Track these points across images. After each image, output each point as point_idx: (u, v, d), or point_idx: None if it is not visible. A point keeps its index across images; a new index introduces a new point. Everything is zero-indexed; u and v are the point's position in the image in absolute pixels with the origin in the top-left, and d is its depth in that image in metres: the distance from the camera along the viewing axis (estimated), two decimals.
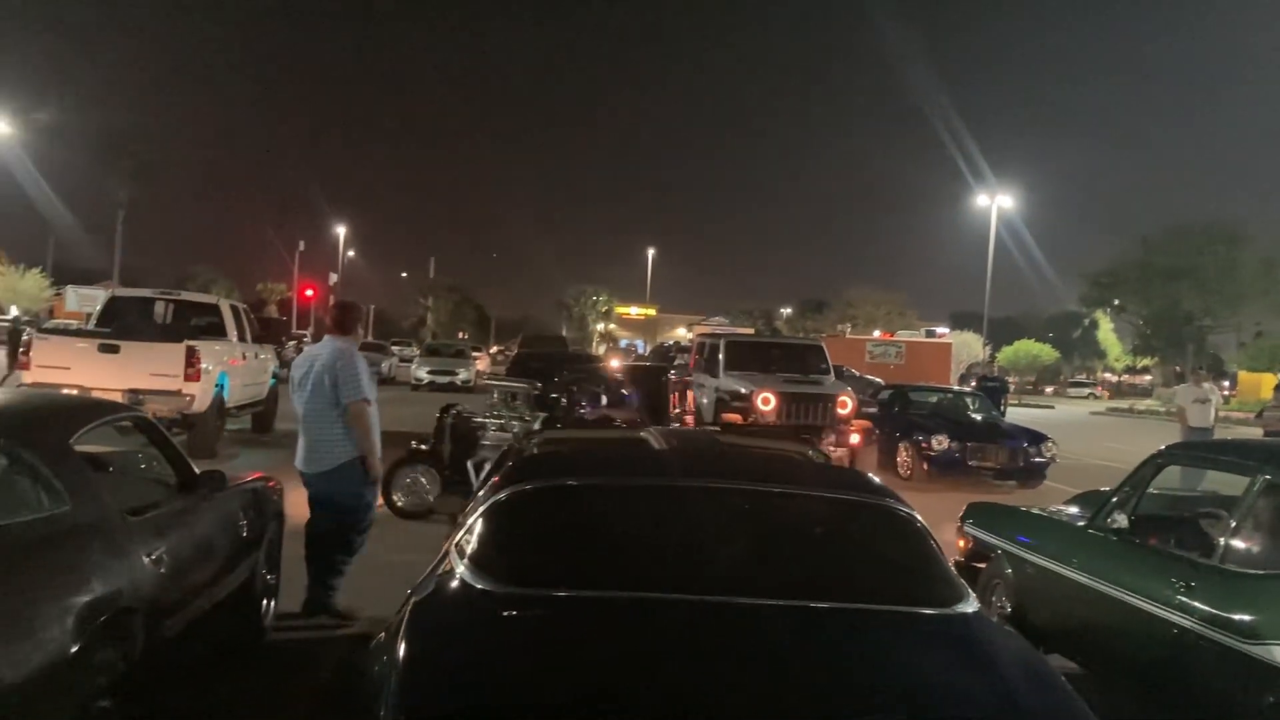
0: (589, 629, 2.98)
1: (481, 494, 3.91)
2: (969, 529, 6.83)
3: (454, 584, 3.26)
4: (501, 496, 3.66)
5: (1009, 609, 6.05)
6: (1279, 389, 38.54)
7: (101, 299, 16.90)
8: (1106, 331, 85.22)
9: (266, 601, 6.02)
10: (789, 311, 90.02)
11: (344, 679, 4.81)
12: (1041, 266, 72.17)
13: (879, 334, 47.91)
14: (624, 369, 14.07)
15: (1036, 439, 15.50)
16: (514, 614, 3.05)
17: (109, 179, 58.10)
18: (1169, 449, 5.98)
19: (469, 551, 3.42)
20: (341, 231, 72.61)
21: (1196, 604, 4.57)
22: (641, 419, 11.06)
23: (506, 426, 10.45)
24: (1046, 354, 72.54)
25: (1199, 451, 7.14)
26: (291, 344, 30.51)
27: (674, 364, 22.51)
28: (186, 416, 12.64)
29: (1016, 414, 24.89)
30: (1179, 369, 60.55)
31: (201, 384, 12.82)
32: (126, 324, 13.89)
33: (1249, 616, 4.34)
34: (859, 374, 25.54)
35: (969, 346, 50.12)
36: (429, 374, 32.92)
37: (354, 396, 6.18)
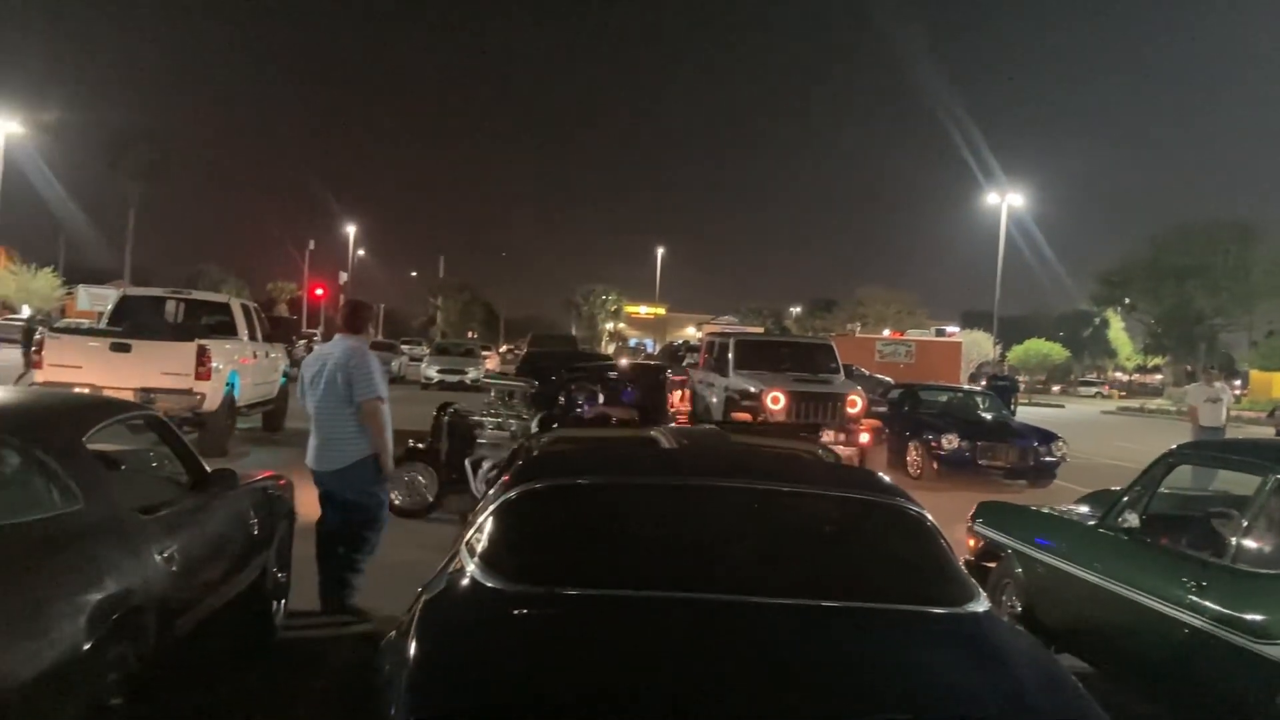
0: (599, 628, 2.98)
1: (492, 493, 3.91)
2: (979, 528, 6.81)
3: (464, 582, 3.27)
4: (512, 495, 3.66)
5: (1019, 608, 6.03)
6: None
7: (113, 298, 16.96)
8: (1117, 330, 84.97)
9: (277, 600, 6.03)
10: (798, 310, 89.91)
11: (355, 677, 4.83)
12: (1052, 265, 72.06)
13: (889, 333, 47.78)
14: (623, 368, 14.02)
15: (1047, 438, 15.45)
16: (524, 612, 3.06)
17: (120, 179, 58.39)
18: (1180, 448, 5.96)
19: (479, 550, 3.42)
20: (351, 231, 72.90)
21: (1208, 604, 4.56)
22: (639, 417, 11.05)
23: (504, 425, 10.45)
24: (1057, 353, 72.38)
25: (1210, 451, 7.10)
26: (302, 343, 30.56)
27: (684, 363, 22.53)
28: (198, 415, 12.68)
29: (1026, 413, 24.82)
30: (1190, 368, 60.29)
31: (212, 383, 12.86)
32: (138, 323, 13.94)
33: (1260, 616, 4.32)
34: (869, 373, 25.53)
35: (979, 345, 50.03)
36: (439, 373, 33.12)
37: (368, 394, 6.20)
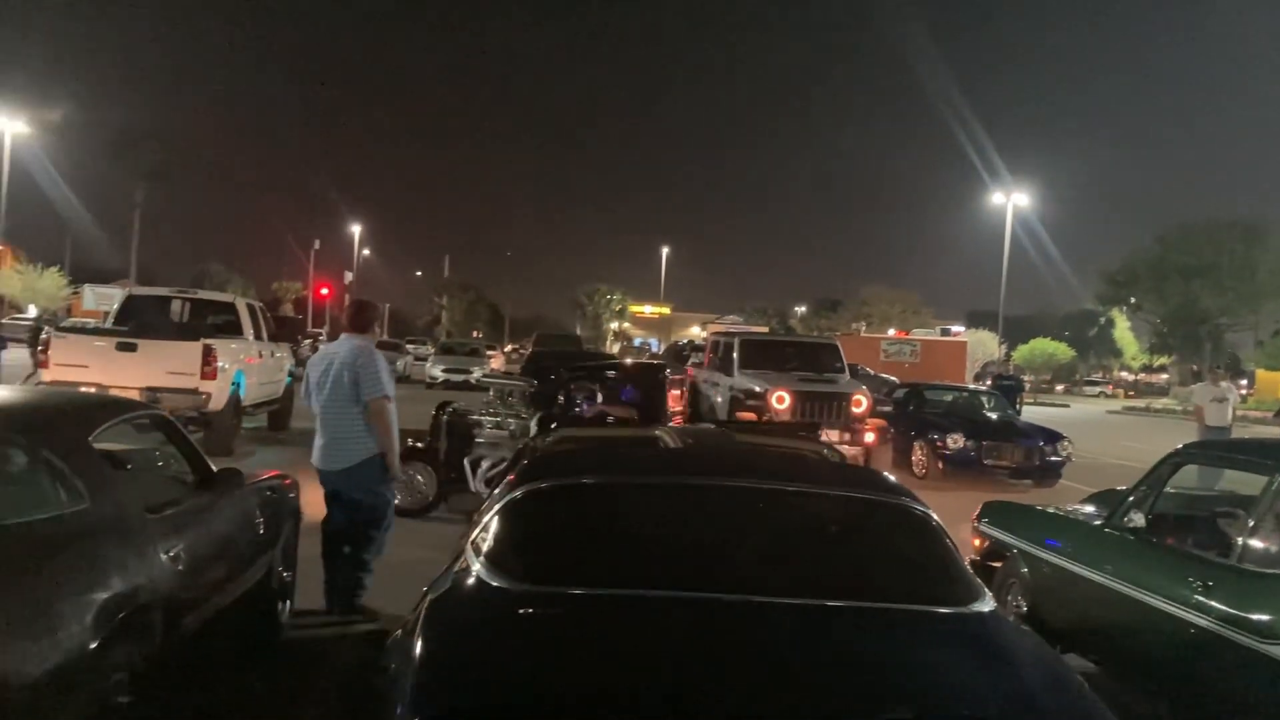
0: (605, 627, 2.98)
1: (497, 492, 3.92)
2: (984, 528, 6.81)
3: (470, 582, 3.27)
4: (517, 495, 3.66)
5: (1025, 608, 6.03)
6: None
7: (119, 297, 16.98)
8: (1123, 330, 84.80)
9: (283, 599, 6.04)
10: (803, 310, 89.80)
11: (361, 676, 4.83)
12: (1057, 264, 72.19)
13: (894, 332, 47.67)
14: (622, 367, 13.99)
15: (1052, 438, 15.42)
16: (530, 612, 3.06)
17: (125, 178, 58.53)
18: (1186, 448, 5.94)
19: (485, 549, 3.42)
20: (356, 230, 73.00)
21: (1214, 603, 4.55)
22: (638, 416, 11.05)
23: (502, 424, 10.44)
24: (1062, 352, 72.19)
25: (1217, 450, 7.09)
26: (307, 342, 30.61)
27: (689, 362, 22.51)
28: (203, 414, 12.69)
29: (1031, 413, 24.79)
30: (1196, 368, 60.21)
31: (218, 382, 12.87)
32: (144, 322, 13.96)
33: (1267, 616, 4.31)
34: (874, 373, 25.49)
35: (984, 345, 49.91)
36: (444, 372, 33.20)
37: (376, 393, 6.20)
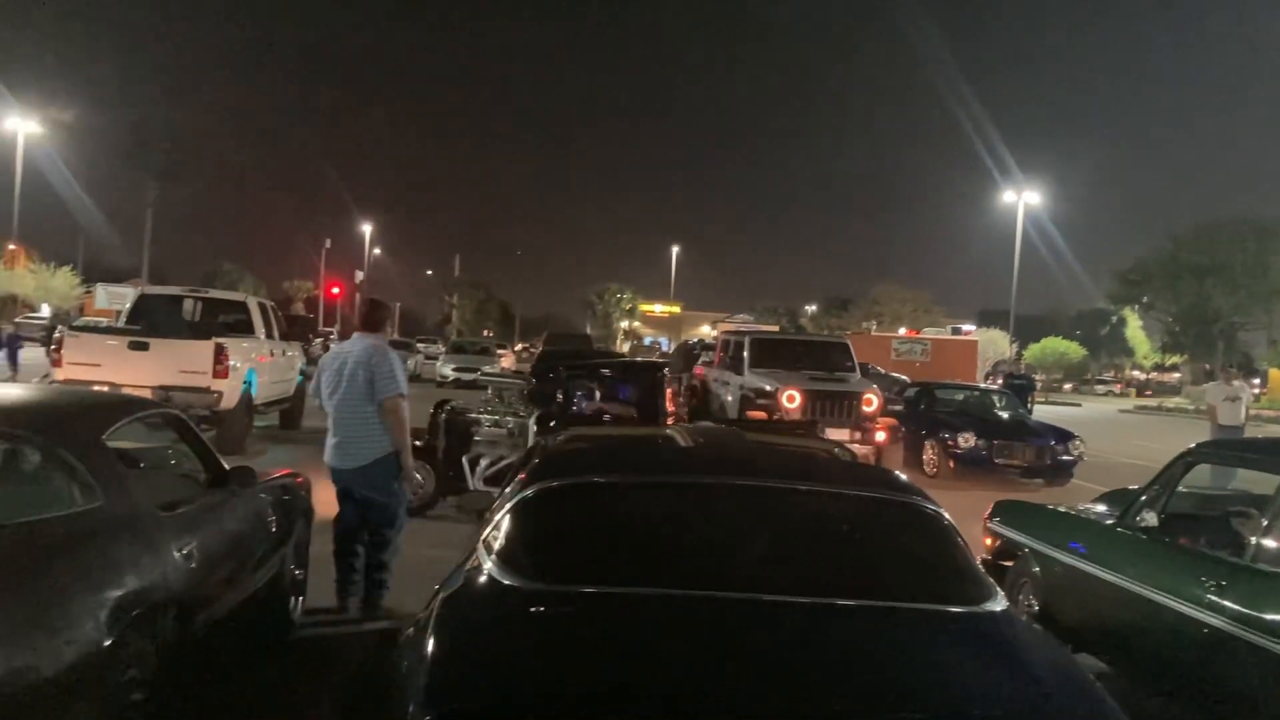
0: (616, 625, 2.98)
1: (509, 490, 3.92)
2: (996, 527, 6.79)
3: (482, 580, 3.27)
4: (529, 493, 3.66)
5: (1037, 607, 6.01)
6: None
7: (131, 297, 17.05)
8: (1135, 329, 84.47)
9: (295, 597, 6.06)
10: (814, 309, 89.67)
11: (372, 674, 4.85)
12: (1069, 263, 71.97)
13: (905, 331, 47.58)
14: (620, 365, 14.00)
15: (1064, 437, 15.39)
16: (541, 610, 3.06)
17: (138, 178, 58.73)
18: (1199, 447, 5.92)
19: (496, 548, 3.43)
20: (367, 229, 73.14)
21: (1227, 603, 4.53)
22: (636, 415, 11.05)
23: (501, 422, 10.46)
24: (1074, 351, 71.97)
25: (1230, 450, 7.06)
26: (318, 341, 30.67)
27: (699, 361, 22.49)
28: (215, 413, 12.73)
29: (1043, 412, 24.71)
30: (1208, 367, 59.87)
31: (230, 381, 12.92)
32: (156, 321, 14.01)
33: None
34: (885, 371, 25.44)
35: (995, 344, 49.83)
36: (454, 371, 33.31)
37: (391, 391, 6.22)
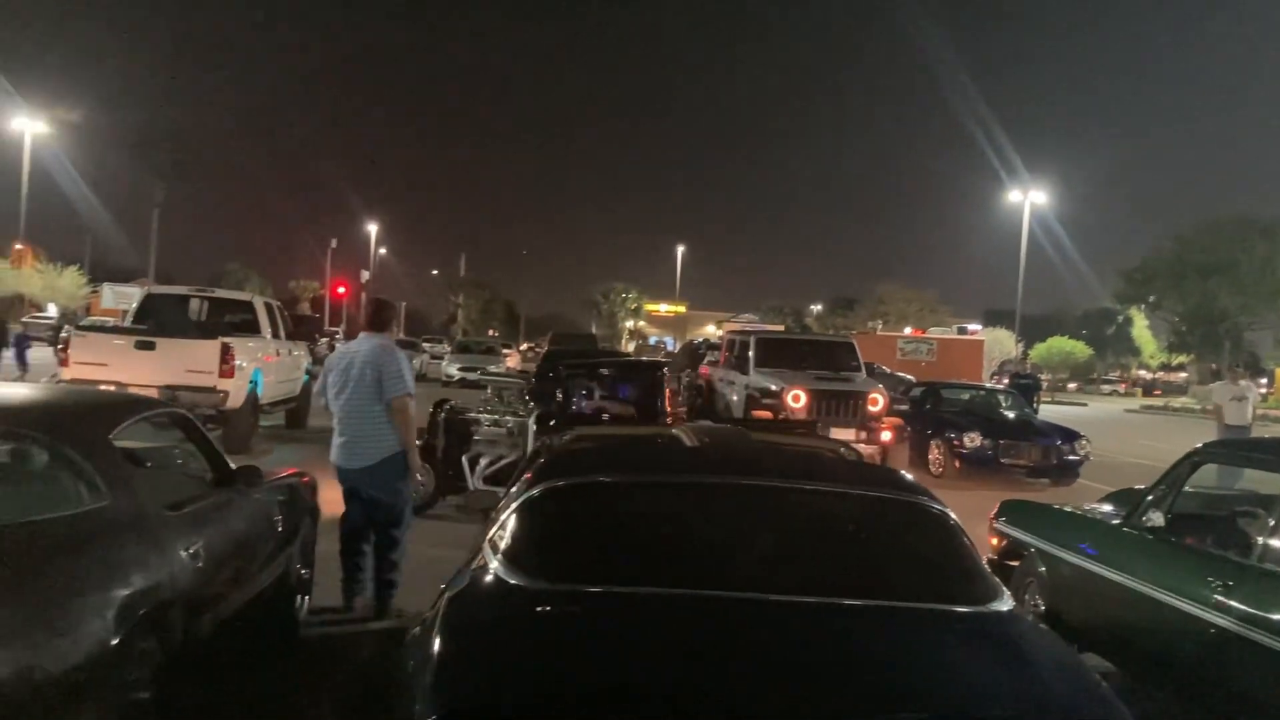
0: (622, 625, 2.98)
1: (515, 490, 3.92)
2: (1002, 527, 6.79)
3: (488, 579, 3.28)
4: (535, 493, 3.66)
5: (1043, 608, 6.01)
6: None
7: (137, 296, 17.08)
8: (1141, 329, 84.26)
9: (301, 596, 6.07)
10: (819, 308, 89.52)
11: (378, 673, 4.85)
12: (1075, 263, 71.62)
13: (910, 331, 47.49)
14: (620, 364, 13.99)
15: (1070, 436, 15.35)
16: (548, 609, 3.06)
17: (144, 177, 58.84)
18: (1206, 447, 5.91)
19: (502, 547, 3.43)
20: (373, 229, 73.17)
21: (1234, 603, 4.52)
22: (635, 414, 11.04)
23: (500, 421, 10.45)
24: (1080, 351, 71.75)
25: (1236, 449, 7.05)
26: (324, 341, 30.70)
27: (704, 360, 22.49)
28: (221, 412, 12.74)
29: (1049, 412, 24.66)
30: (1215, 366, 59.71)
31: (236, 380, 12.94)
32: (162, 321, 14.03)
33: None
34: (890, 371, 25.42)
35: (1001, 344, 49.73)
36: (459, 370, 33.37)
37: (399, 391, 6.23)
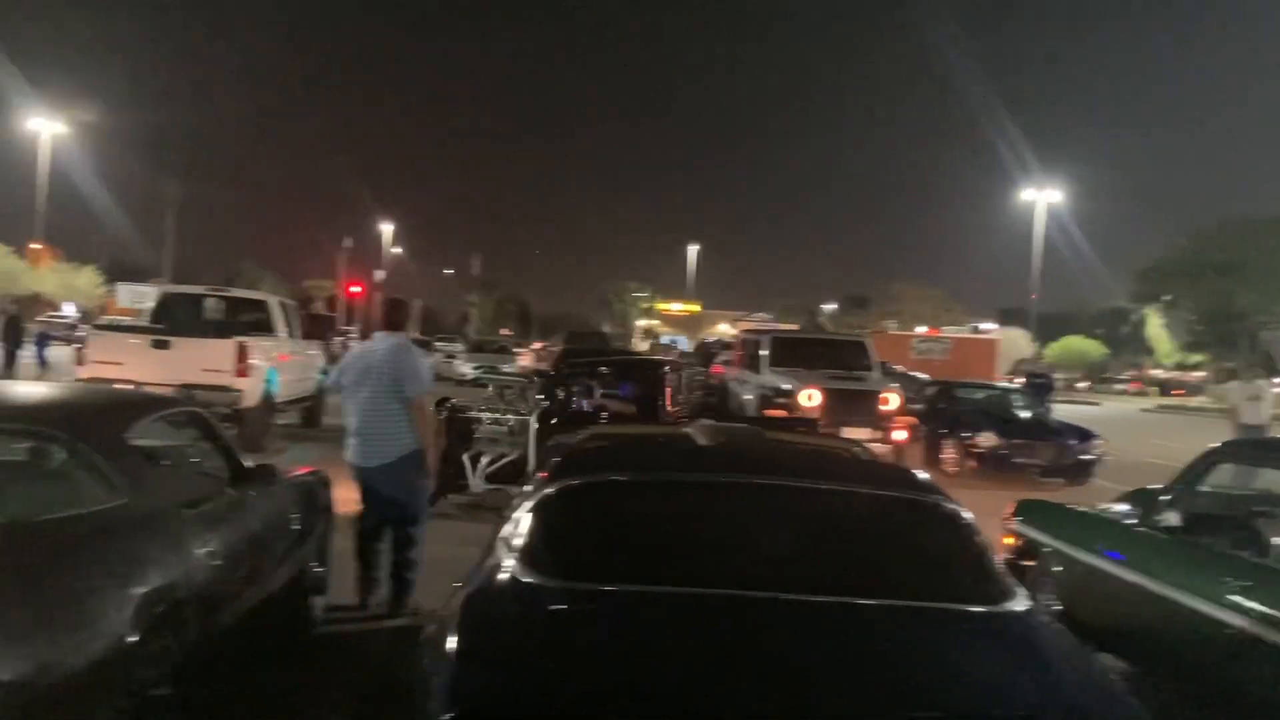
0: (637, 624, 2.99)
1: (529, 488, 3.93)
2: (1017, 526, 6.76)
3: (503, 578, 3.28)
4: (550, 491, 3.67)
5: (1058, 607, 5.98)
6: None
7: (153, 295, 17.18)
8: (1156, 327, 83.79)
9: (316, 594, 6.09)
10: (833, 307, 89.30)
11: (393, 671, 4.87)
12: (1090, 261, 71.41)
13: (924, 330, 47.38)
14: (621, 363, 14.01)
15: (1084, 436, 15.29)
16: (562, 608, 3.07)
17: (160, 177, 59.08)
18: (1222, 446, 5.88)
19: (517, 546, 3.43)
20: (388, 229, 73.25)
21: (1251, 604, 4.50)
22: (637, 412, 11.05)
23: (502, 420, 10.42)
24: (1094, 350, 71.45)
25: (1254, 449, 7.02)
26: (339, 340, 30.78)
27: (717, 360, 22.47)
28: (237, 411, 12.79)
29: (1064, 411, 24.52)
30: (1230, 366, 59.34)
31: (251, 379, 13.00)
32: (178, 320, 14.10)
33: None
34: (904, 370, 25.34)
35: (1015, 343, 49.57)
36: (474, 370, 33.55)
37: (419, 390, 6.25)
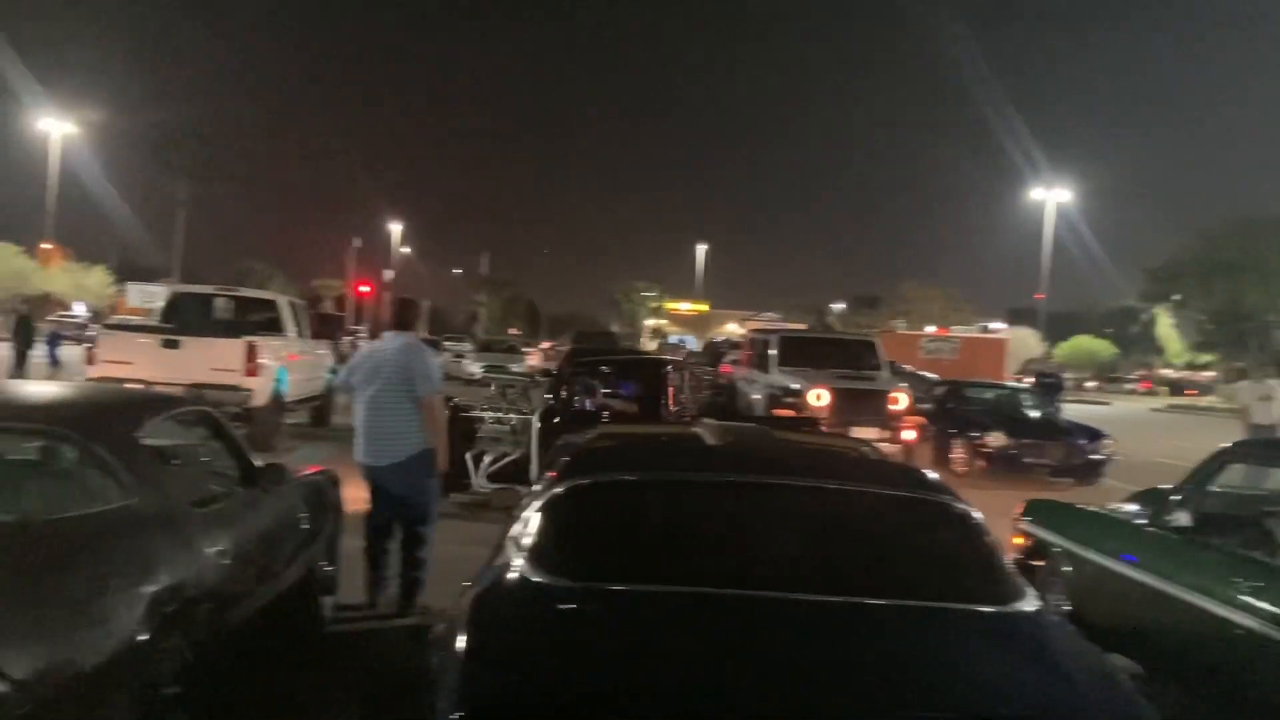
0: (646, 623, 2.99)
1: (538, 488, 3.93)
2: (1026, 526, 6.75)
3: (512, 577, 3.28)
4: (559, 491, 3.67)
5: (1068, 607, 5.97)
6: None
7: (163, 295, 17.24)
8: (1166, 327, 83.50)
9: (325, 594, 6.10)
10: (842, 307, 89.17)
11: (403, 670, 4.88)
12: (1100, 260, 71.18)
13: (933, 329, 47.30)
14: (623, 362, 14.00)
15: (1094, 436, 15.25)
16: (571, 608, 3.07)
17: (169, 177, 59.21)
18: (1234, 446, 5.87)
19: (526, 545, 3.44)
20: (396, 228, 73.32)
21: (1262, 604, 4.48)
22: (639, 411, 11.05)
23: (504, 419, 10.40)
24: (1104, 350, 71.22)
25: (1265, 449, 6.99)
26: (347, 340, 30.83)
27: (725, 359, 22.46)
28: (246, 410, 12.83)
29: (1073, 411, 24.47)
30: (1241, 365, 59.11)
31: (260, 379, 13.03)
32: (188, 320, 14.15)
33: None
34: (913, 369, 25.30)
35: (1024, 342, 49.50)
36: (483, 369, 33.62)
37: (431, 389, 6.26)
